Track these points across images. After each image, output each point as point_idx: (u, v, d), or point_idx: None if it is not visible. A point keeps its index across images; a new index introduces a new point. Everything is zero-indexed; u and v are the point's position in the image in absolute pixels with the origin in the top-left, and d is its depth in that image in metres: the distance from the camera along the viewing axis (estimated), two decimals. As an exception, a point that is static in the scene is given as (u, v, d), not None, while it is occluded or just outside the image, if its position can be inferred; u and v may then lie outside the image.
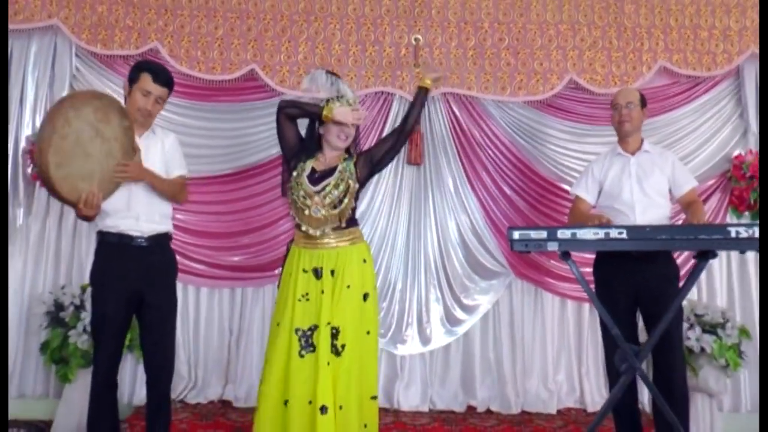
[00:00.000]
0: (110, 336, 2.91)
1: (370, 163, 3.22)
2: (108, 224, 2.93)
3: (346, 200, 3.12)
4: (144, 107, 2.97)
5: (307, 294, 3.05)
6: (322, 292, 3.04)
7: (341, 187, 3.12)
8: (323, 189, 3.11)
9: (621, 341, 2.89)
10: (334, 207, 3.10)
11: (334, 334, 2.99)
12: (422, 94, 3.31)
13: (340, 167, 3.16)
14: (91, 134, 2.75)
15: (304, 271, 3.08)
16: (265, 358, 3.11)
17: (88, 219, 2.88)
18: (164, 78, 3.03)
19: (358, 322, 3.05)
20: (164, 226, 3.04)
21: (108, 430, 2.97)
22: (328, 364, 2.94)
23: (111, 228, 2.92)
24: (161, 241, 3.02)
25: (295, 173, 3.19)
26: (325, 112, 3.11)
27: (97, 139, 2.76)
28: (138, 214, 2.93)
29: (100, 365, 2.93)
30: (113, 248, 2.93)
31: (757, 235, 2.61)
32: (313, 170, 3.17)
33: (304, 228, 3.12)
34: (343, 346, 2.99)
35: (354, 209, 3.19)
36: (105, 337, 2.90)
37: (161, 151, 3.05)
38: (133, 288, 2.91)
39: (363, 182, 3.24)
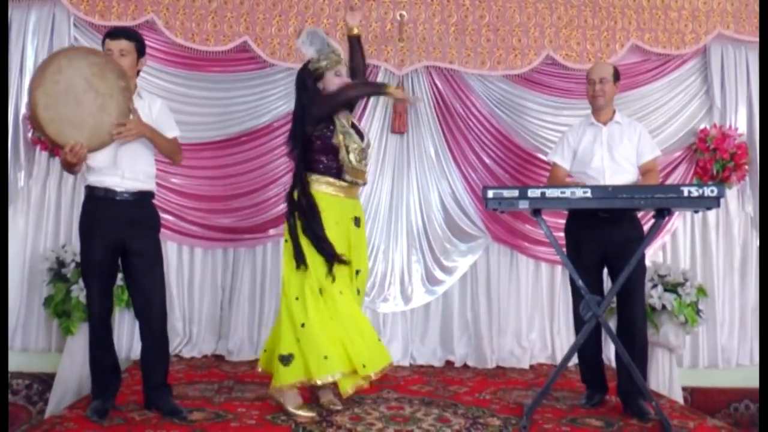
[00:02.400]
0: (98, 280, 3.08)
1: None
2: (94, 180, 3.08)
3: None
4: None
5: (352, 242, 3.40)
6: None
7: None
8: (368, 144, 3.48)
9: (585, 292, 3.17)
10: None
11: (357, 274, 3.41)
12: (353, 42, 3.53)
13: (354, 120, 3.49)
14: (85, 86, 2.88)
15: (352, 219, 3.38)
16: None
17: (72, 168, 3.02)
18: (119, 33, 3.15)
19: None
20: (147, 185, 3.19)
21: (110, 368, 3.17)
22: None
23: (97, 183, 3.07)
24: (144, 197, 3.17)
25: (338, 128, 3.28)
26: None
27: (91, 92, 2.89)
28: (123, 172, 3.07)
29: (93, 308, 3.12)
30: (99, 201, 3.08)
31: (706, 194, 2.90)
32: (352, 125, 3.43)
33: (350, 179, 3.32)
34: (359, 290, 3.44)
35: None
36: (94, 281, 3.09)
37: (148, 115, 3.16)
38: (116, 236, 3.05)
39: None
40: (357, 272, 3.37)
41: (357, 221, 3.39)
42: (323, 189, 3.28)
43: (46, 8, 4.51)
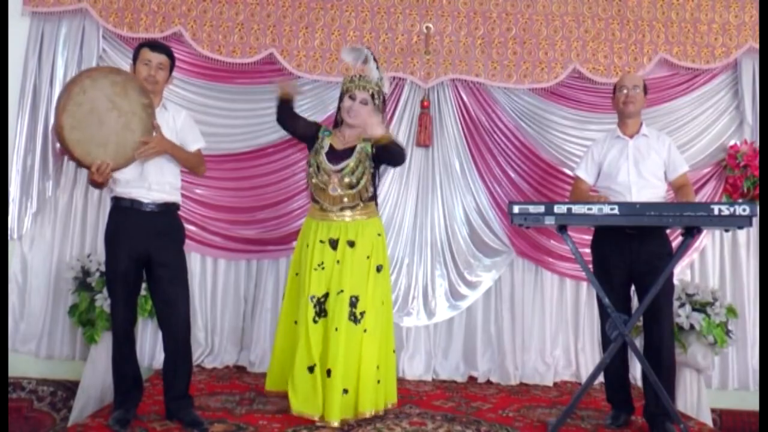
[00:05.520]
0: (123, 290, 3.10)
1: (378, 153, 3.39)
2: (121, 191, 3.11)
3: (363, 181, 3.34)
4: (148, 74, 3.13)
5: (322, 263, 3.30)
6: (338, 261, 3.28)
7: (359, 169, 3.34)
8: (342, 169, 3.32)
9: (612, 310, 3.11)
10: (351, 187, 3.33)
11: (353, 302, 3.25)
12: (381, 147, 3.33)
13: (358, 147, 3.38)
14: (108, 106, 2.92)
15: (321, 242, 3.33)
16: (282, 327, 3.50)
17: (98, 185, 3.07)
18: (161, 47, 3.24)
19: (373, 291, 3.32)
20: (173, 197, 3.22)
21: (132, 378, 3.19)
22: (336, 329, 3.20)
23: (124, 194, 3.10)
24: (170, 208, 3.20)
25: (313, 150, 3.42)
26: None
27: (114, 111, 2.94)
28: (150, 184, 3.10)
29: (116, 318, 3.14)
30: (125, 211, 3.11)
31: (738, 213, 2.84)
32: (332, 148, 3.39)
33: (321, 204, 3.37)
34: (362, 314, 3.27)
35: (373, 187, 3.44)
36: (118, 292, 3.10)
37: (173, 127, 3.20)
38: (141, 247, 3.07)
39: (378, 164, 3.46)
40: (339, 292, 3.26)
41: (334, 243, 3.33)
42: (309, 213, 3.52)
43: (76, 21, 4.58)
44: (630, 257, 3.36)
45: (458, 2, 4.73)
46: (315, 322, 3.26)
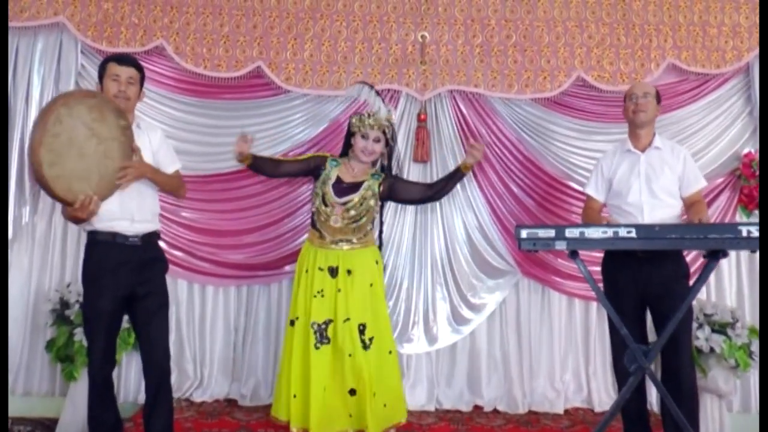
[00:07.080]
0: (104, 331, 2.91)
1: (391, 191, 3.50)
2: (101, 225, 2.90)
3: (365, 218, 3.40)
4: (118, 90, 2.94)
5: (321, 291, 3.30)
6: (339, 290, 3.29)
7: (363, 206, 3.39)
8: (347, 203, 3.37)
9: (630, 341, 2.85)
10: (353, 221, 3.37)
11: (361, 330, 3.29)
12: (459, 175, 3.58)
13: (365, 184, 3.43)
14: (87, 134, 2.72)
15: (320, 269, 3.33)
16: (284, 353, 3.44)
17: (78, 221, 2.86)
18: (128, 60, 3.05)
19: (380, 317, 3.40)
20: (155, 224, 3.07)
21: (111, 425, 2.97)
22: (350, 355, 3.24)
23: (105, 228, 2.90)
24: (152, 238, 3.05)
25: (320, 180, 3.42)
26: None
27: (93, 139, 2.74)
28: (132, 215, 2.93)
29: (94, 362, 2.93)
30: (107, 246, 2.91)
31: (769, 234, 2.59)
32: (339, 180, 3.41)
33: (321, 232, 3.38)
34: (371, 339, 3.30)
35: (372, 224, 3.47)
36: (100, 334, 2.90)
37: (148, 146, 3.03)
38: (126, 283, 2.90)
39: (383, 202, 3.55)
40: (345, 320, 3.29)
41: (333, 271, 3.35)
42: (306, 237, 3.57)
43: (53, 36, 4.33)
44: (642, 281, 3.18)
45: (455, 9, 4.50)
46: (317, 348, 3.26)
